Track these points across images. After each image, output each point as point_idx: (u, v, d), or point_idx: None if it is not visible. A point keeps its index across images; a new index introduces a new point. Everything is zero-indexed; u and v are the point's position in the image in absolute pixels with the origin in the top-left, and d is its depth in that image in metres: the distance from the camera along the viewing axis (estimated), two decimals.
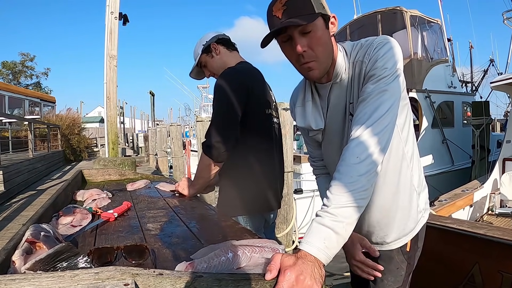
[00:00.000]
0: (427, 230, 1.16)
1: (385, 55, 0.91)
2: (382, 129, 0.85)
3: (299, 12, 0.89)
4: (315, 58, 0.93)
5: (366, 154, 0.82)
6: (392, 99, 0.88)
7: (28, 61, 24.79)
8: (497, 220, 4.24)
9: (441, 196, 3.81)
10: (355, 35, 9.72)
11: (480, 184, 4.54)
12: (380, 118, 0.86)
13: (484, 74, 13.13)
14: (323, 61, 0.95)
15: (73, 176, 1.97)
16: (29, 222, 0.95)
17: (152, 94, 21.97)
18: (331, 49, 0.96)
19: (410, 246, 1.11)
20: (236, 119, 1.41)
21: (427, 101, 8.02)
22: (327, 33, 0.94)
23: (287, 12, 0.89)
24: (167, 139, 11.24)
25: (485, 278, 2.09)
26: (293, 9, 0.89)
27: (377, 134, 0.84)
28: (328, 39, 0.94)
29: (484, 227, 2.22)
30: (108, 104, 5.10)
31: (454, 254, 2.21)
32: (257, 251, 0.75)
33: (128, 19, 5.32)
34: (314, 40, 0.91)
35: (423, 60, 8.71)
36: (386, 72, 0.90)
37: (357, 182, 0.79)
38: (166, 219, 1.19)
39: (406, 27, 8.50)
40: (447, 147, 8.27)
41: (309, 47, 0.92)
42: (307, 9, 0.89)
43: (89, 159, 12.44)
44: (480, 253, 2.10)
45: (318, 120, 1.05)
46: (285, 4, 0.89)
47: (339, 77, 1.00)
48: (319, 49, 0.93)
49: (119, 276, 0.59)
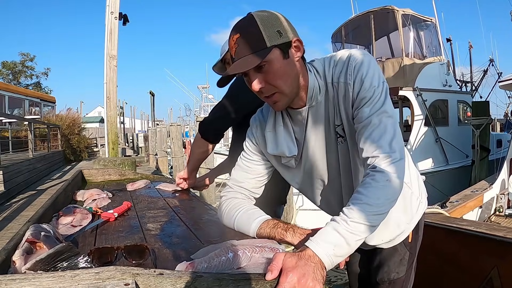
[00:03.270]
0: (442, 233, 1.16)
1: (369, 73, 0.87)
2: (400, 154, 0.83)
3: (249, 50, 0.84)
4: (276, 90, 0.89)
5: (394, 180, 0.80)
6: (392, 118, 0.87)
7: (28, 61, 24.79)
8: (506, 221, 4.20)
9: (452, 197, 3.78)
10: (350, 36, 9.76)
11: (489, 185, 4.51)
12: (393, 141, 0.83)
13: (484, 74, 13.13)
14: (286, 92, 0.90)
15: (73, 176, 1.97)
16: (30, 222, 0.95)
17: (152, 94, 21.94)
18: (294, 77, 0.90)
19: (411, 237, 1.12)
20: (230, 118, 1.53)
21: (419, 100, 8.00)
22: (286, 63, 0.88)
23: (238, 51, 0.86)
24: (167, 139, 11.23)
25: (505, 282, 2.05)
26: (243, 47, 0.85)
27: (397, 160, 0.82)
28: (288, 69, 0.88)
29: (503, 229, 2.18)
30: (108, 104, 5.11)
31: (471, 257, 2.17)
32: (257, 251, 0.76)
33: (128, 19, 5.33)
34: (270, 75, 0.87)
35: (416, 59, 8.72)
36: (376, 90, 0.87)
37: (383, 206, 0.79)
38: (166, 219, 1.19)
39: (398, 26, 8.53)
40: (441, 146, 8.23)
41: (266, 82, 0.87)
42: (258, 45, 0.84)
43: (89, 159, 12.43)
44: (499, 256, 2.05)
45: (291, 146, 0.99)
46: (236, 42, 0.86)
47: (314, 100, 0.94)
48: (277, 82, 0.88)
49: (119, 276, 0.59)
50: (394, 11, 8.60)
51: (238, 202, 1.03)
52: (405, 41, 8.61)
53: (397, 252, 1.12)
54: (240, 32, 0.86)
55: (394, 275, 1.12)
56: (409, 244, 1.12)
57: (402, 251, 1.12)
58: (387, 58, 8.98)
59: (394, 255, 1.12)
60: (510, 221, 4.20)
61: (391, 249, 1.11)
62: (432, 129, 8.12)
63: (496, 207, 4.46)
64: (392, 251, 1.12)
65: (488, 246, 2.09)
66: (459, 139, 8.55)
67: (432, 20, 9.27)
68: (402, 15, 8.56)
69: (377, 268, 1.15)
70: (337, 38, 10.07)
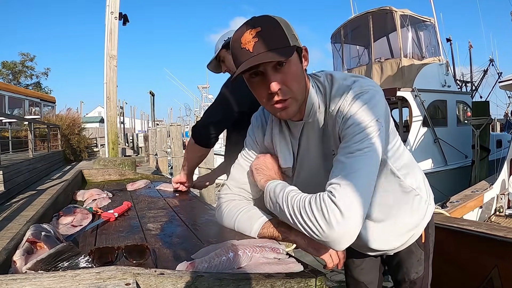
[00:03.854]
0: (443, 233, 1.18)
1: (358, 113, 0.81)
2: (352, 197, 0.74)
3: (272, 45, 0.80)
4: (291, 95, 0.85)
5: (326, 214, 0.73)
6: (368, 160, 0.78)
7: (28, 61, 24.80)
8: (506, 221, 4.21)
9: (452, 197, 3.78)
10: (350, 37, 9.78)
11: (490, 185, 4.51)
12: (359, 185, 0.75)
13: (484, 74, 13.13)
14: (299, 98, 0.86)
15: (73, 176, 1.97)
16: (30, 222, 0.95)
17: (152, 94, 21.95)
18: (304, 84, 0.88)
19: (424, 237, 1.13)
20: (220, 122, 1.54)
21: (417, 100, 7.99)
22: (301, 67, 0.86)
23: (259, 45, 0.80)
24: (167, 139, 11.24)
25: (505, 282, 2.04)
26: (266, 41, 0.80)
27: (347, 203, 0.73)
28: (302, 75, 0.86)
29: (503, 229, 2.17)
30: (108, 104, 5.10)
31: (471, 257, 2.17)
32: (257, 251, 0.76)
33: (128, 19, 5.32)
34: (289, 75, 0.83)
35: (415, 59, 8.72)
36: (358, 137, 0.79)
37: (296, 217, 0.78)
38: (166, 219, 1.19)
39: (396, 26, 8.54)
40: (440, 147, 8.23)
41: (284, 83, 0.83)
42: (282, 42, 0.81)
43: (89, 159, 12.43)
44: (499, 256, 2.05)
45: (287, 157, 0.97)
46: (256, 36, 0.80)
47: (311, 117, 0.91)
48: (294, 85, 0.84)
49: (120, 276, 0.59)
50: (392, 11, 8.61)
51: (238, 203, 1.02)
52: (403, 41, 8.61)
53: (413, 253, 1.13)
54: (261, 26, 0.81)
55: (414, 275, 1.13)
56: (423, 244, 1.13)
57: (418, 252, 1.13)
58: (387, 58, 8.99)
59: (410, 257, 1.13)
60: (510, 221, 4.21)
61: (406, 250, 1.12)
62: (430, 129, 8.13)
63: (497, 207, 4.47)
64: (408, 253, 1.13)
65: (489, 246, 2.09)
66: (458, 139, 8.54)
67: (430, 20, 9.27)
68: (400, 16, 8.58)
69: (395, 269, 1.17)
70: (336, 38, 10.10)
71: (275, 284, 0.64)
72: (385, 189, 1.00)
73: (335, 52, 10.26)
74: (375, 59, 9.10)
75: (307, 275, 0.68)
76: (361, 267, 1.24)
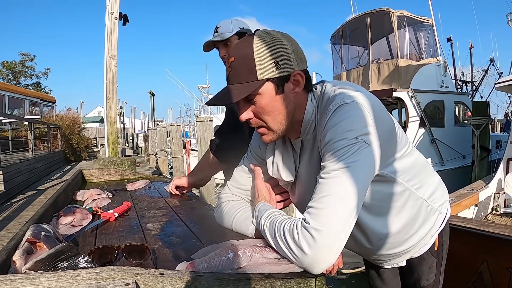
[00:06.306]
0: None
1: (335, 128, 0.76)
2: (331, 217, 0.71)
3: (239, 79, 0.80)
4: (263, 125, 0.85)
5: (302, 239, 0.71)
6: (345, 180, 0.73)
7: (28, 61, 24.80)
8: (502, 219, 4.27)
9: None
10: (349, 38, 9.79)
11: (485, 184, 4.54)
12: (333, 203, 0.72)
13: (485, 74, 13.14)
14: (274, 129, 0.85)
15: (73, 176, 1.97)
16: (30, 222, 0.95)
17: (152, 94, 21.96)
18: (286, 113, 0.84)
19: (438, 245, 1.10)
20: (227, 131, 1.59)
21: (413, 101, 7.99)
22: (278, 99, 0.82)
23: (230, 77, 0.82)
24: (167, 139, 11.25)
25: (494, 275, 2.11)
26: (234, 74, 0.81)
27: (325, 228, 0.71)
28: (278, 105, 0.82)
29: (492, 225, 2.24)
30: (108, 104, 5.10)
31: (463, 252, 2.22)
32: (257, 251, 0.76)
33: (128, 19, 5.32)
34: (258, 109, 0.82)
35: (412, 60, 8.72)
36: (335, 156, 0.75)
37: (278, 244, 0.76)
38: (166, 219, 1.19)
39: (393, 27, 8.56)
40: (436, 147, 8.21)
41: (255, 115, 0.83)
42: (249, 76, 0.79)
43: (89, 159, 12.43)
44: (488, 251, 2.11)
45: (288, 172, 0.97)
46: (231, 65, 0.81)
47: (308, 134, 0.89)
48: (265, 118, 0.83)
49: (120, 276, 0.59)
50: (390, 13, 8.63)
51: (236, 203, 1.03)
52: (401, 42, 8.63)
53: (424, 260, 1.10)
54: (234, 56, 0.82)
55: (424, 282, 1.11)
56: (436, 251, 1.10)
57: (430, 259, 1.10)
58: (386, 59, 8.99)
59: (422, 264, 1.10)
60: (506, 219, 4.26)
61: (418, 258, 1.09)
62: (427, 130, 8.12)
63: (493, 206, 4.51)
64: (420, 260, 1.10)
65: (478, 241, 2.16)
66: (456, 140, 8.54)
67: (428, 21, 9.28)
68: (397, 17, 8.60)
69: (406, 274, 1.15)
70: (336, 39, 10.12)
71: (274, 284, 0.64)
72: (395, 205, 0.96)
73: (334, 53, 10.27)
74: (373, 60, 9.11)
75: (307, 275, 0.68)
76: (382, 277, 1.23)
